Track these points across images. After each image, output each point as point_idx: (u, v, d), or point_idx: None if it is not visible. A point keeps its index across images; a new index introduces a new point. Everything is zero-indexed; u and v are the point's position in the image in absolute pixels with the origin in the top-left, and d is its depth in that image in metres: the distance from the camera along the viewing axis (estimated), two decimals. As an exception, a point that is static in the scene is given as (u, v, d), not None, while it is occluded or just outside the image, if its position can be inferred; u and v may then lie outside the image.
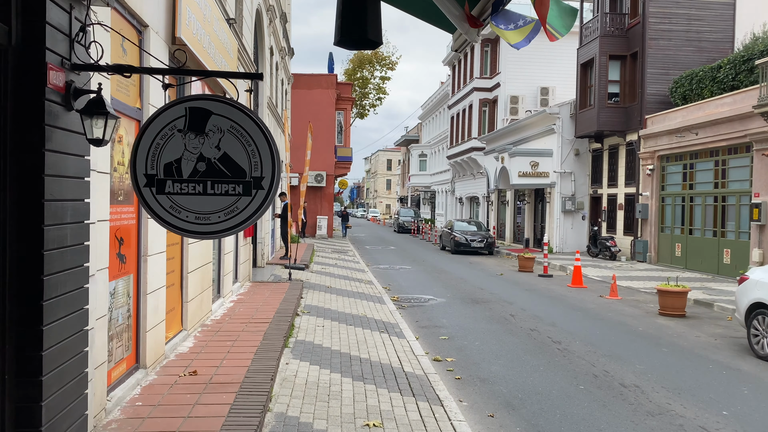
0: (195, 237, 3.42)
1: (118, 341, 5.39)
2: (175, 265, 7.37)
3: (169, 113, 3.34)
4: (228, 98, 3.38)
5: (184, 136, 3.35)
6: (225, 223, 3.37)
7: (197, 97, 3.40)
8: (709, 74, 20.33)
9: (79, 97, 3.33)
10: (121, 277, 5.41)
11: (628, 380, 7.84)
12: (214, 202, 3.38)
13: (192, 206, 3.36)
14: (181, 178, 3.36)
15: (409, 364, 7.71)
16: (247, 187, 3.38)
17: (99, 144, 3.33)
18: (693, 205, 20.48)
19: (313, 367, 7.16)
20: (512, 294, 15.15)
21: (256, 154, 3.38)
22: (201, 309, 8.50)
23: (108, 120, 3.27)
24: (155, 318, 6.24)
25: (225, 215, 3.37)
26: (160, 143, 3.37)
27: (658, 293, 12.86)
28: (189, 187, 3.36)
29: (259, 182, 3.37)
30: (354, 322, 10.20)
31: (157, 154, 3.35)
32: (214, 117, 3.35)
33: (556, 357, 8.95)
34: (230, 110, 3.36)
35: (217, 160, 3.34)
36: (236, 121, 3.36)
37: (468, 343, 9.69)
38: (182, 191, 3.36)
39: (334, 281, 15.53)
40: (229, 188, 3.36)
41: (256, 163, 3.38)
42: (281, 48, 21.35)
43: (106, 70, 3.40)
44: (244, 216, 3.37)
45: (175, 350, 7.05)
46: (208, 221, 3.37)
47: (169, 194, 3.35)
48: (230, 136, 3.36)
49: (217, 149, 3.35)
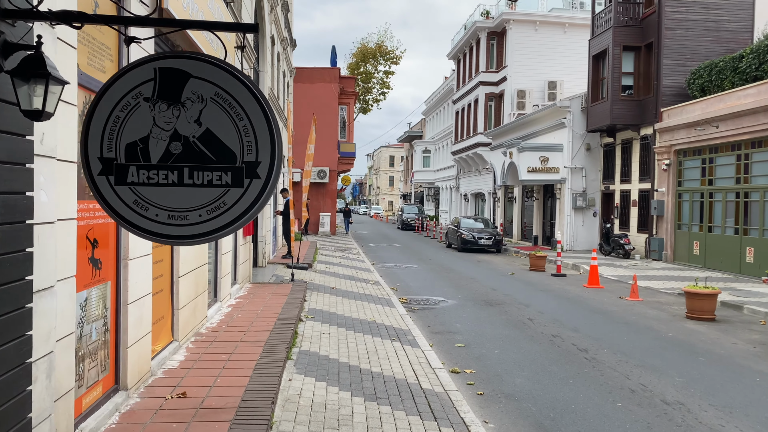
0: (167, 242, 2.60)
1: (91, 361, 4.58)
2: (164, 268, 6.56)
3: (133, 76, 2.50)
4: (211, 57, 2.57)
5: (152, 106, 2.51)
6: (208, 224, 2.53)
7: (170, 55, 2.54)
8: (730, 64, 19.44)
9: (10, 54, 2.51)
10: (95, 286, 4.60)
11: (669, 396, 7.02)
12: (193, 195, 2.54)
13: (163, 201, 2.53)
14: (149, 163, 2.52)
15: (427, 378, 6.90)
16: (238, 176, 2.54)
17: (38, 117, 2.49)
18: (713, 201, 19.61)
19: (319, 384, 6.35)
20: (527, 295, 14.33)
21: (250, 132, 2.53)
22: (195, 316, 7.69)
23: (50, 86, 2.44)
24: (139, 330, 5.43)
25: (209, 213, 2.53)
26: (121, 116, 2.53)
27: (686, 295, 12.03)
28: (159, 176, 2.52)
29: (254, 169, 2.53)
30: (362, 329, 9.38)
31: (117, 131, 2.52)
32: (193, 81, 2.50)
33: (585, 368, 8.14)
34: (215, 72, 2.50)
35: (197, 138, 2.50)
36: (223, 86, 2.51)
37: (486, 352, 8.88)
38: (150, 181, 2.53)
39: (339, 282, 14.71)
40: (214, 177, 2.53)
41: (250, 144, 2.53)
42: (283, 38, 20.51)
43: (48, 18, 2.57)
44: (234, 214, 2.53)
45: (163, 365, 6.24)
46: (186, 221, 2.54)
47: (133, 185, 2.53)
48: (215, 106, 2.52)
49: (197, 124, 2.51)
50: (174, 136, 2.53)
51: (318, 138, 25.10)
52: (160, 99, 2.53)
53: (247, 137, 2.53)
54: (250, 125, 2.52)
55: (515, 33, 35.83)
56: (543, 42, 35.63)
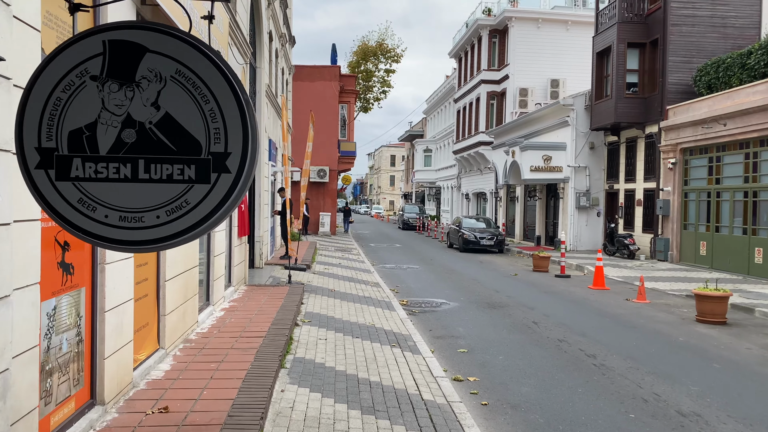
0: (118, 248, 2.19)
1: (62, 375, 4.19)
2: (149, 272, 6.16)
3: (78, 50, 2.09)
4: (171, 27, 2.19)
5: (101, 86, 2.10)
6: (168, 227, 2.11)
7: (122, 25, 2.14)
8: (738, 61, 19.02)
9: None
10: (66, 293, 4.22)
11: (685, 406, 6.63)
12: (150, 192, 2.15)
13: (114, 200, 2.12)
14: (97, 154, 2.10)
15: (428, 388, 6.50)
16: (204, 169, 2.13)
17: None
18: (720, 200, 19.19)
19: (313, 396, 5.95)
20: (531, 297, 13.93)
21: (218, 117, 2.12)
22: (184, 322, 7.30)
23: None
24: (118, 340, 5.04)
25: (168, 214, 2.12)
26: (63, 98, 2.12)
27: (696, 298, 11.62)
28: (110, 170, 2.11)
29: (223, 161, 2.12)
30: (361, 334, 8.99)
31: (58, 117, 2.11)
32: (150, 56, 2.09)
33: (595, 375, 7.75)
34: (176, 46, 2.10)
35: (154, 125, 2.10)
36: (186, 63, 2.10)
37: (491, 358, 8.49)
38: (98, 176, 2.11)
39: (337, 283, 14.32)
40: (175, 171, 2.12)
41: (218, 132, 2.12)
42: (281, 34, 20.11)
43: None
44: (199, 214, 2.12)
45: (147, 376, 5.84)
46: (141, 223, 2.12)
47: (78, 180, 2.11)
48: (176, 87, 2.11)
49: (154, 108, 2.10)
50: (127, 122, 2.12)
51: (318, 137, 24.72)
52: (110, 78, 2.11)
53: (214, 123, 2.11)
54: (218, 109, 2.10)
55: (517, 30, 35.43)
56: (545, 40, 35.24)
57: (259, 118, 15.37)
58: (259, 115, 15.37)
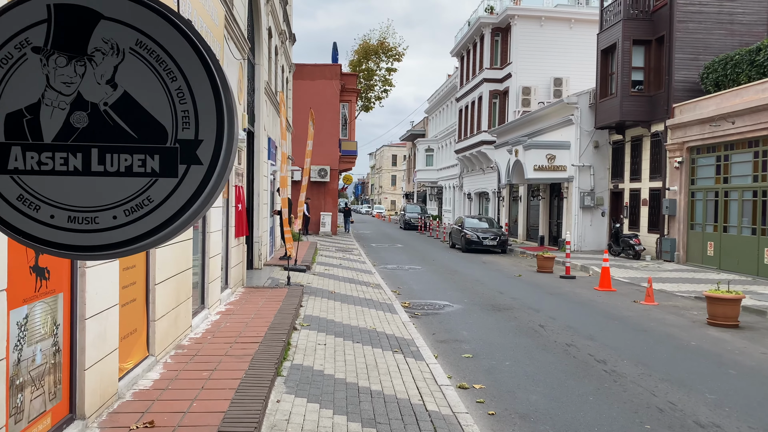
0: (66, 255, 1.83)
1: (35, 389, 3.86)
2: (137, 275, 5.82)
3: (16, 16, 1.72)
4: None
5: (45, 60, 1.74)
6: (127, 229, 1.75)
7: (72, -13, 1.84)
8: (747, 58, 18.64)
9: None
10: (40, 300, 3.88)
11: (702, 416, 6.29)
12: (105, 188, 1.79)
13: (62, 197, 1.77)
14: (41, 142, 1.75)
15: (432, 398, 6.16)
16: (170, 160, 1.78)
17: None
18: (728, 200, 18.82)
19: (311, 407, 5.61)
20: (536, 299, 13.59)
21: (187, 98, 1.78)
22: (176, 327, 6.96)
23: None
24: (101, 349, 4.70)
25: (128, 213, 1.78)
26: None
27: (707, 300, 11.27)
28: (56, 161, 1.75)
29: (192, 150, 1.77)
30: (362, 338, 8.64)
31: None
32: (105, 24, 1.75)
33: (606, 382, 7.41)
34: (137, 12, 1.75)
35: (110, 107, 1.75)
36: (148, 32, 1.76)
37: (497, 363, 8.16)
38: (42, 168, 1.76)
39: (338, 285, 13.98)
40: (135, 162, 1.77)
41: (187, 115, 1.78)
42: (281, 31, 19.78)
43: None
44: (165, 214, 1.77)
45: (134, 385, 5.50)
46: (95, 225, 1.77)
47: (17, 173, 1.75)
48: (136, 61, 1.77)
49: (110, 86, 1.75)
50: (77, 103, 1.76)
51: (319, 136, 24.38)
52: (56, 50, 1.76)
53: (182, 105, 1.75)
54: (187, 88, 1.74)
55: (520, 29, 35.07)
56: (548, 38, 34.87)
57: (258, 115, 15.03)
58: (258, 112, 15.03)
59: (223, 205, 10.05)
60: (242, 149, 11.77)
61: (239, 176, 11.71)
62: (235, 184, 11.21)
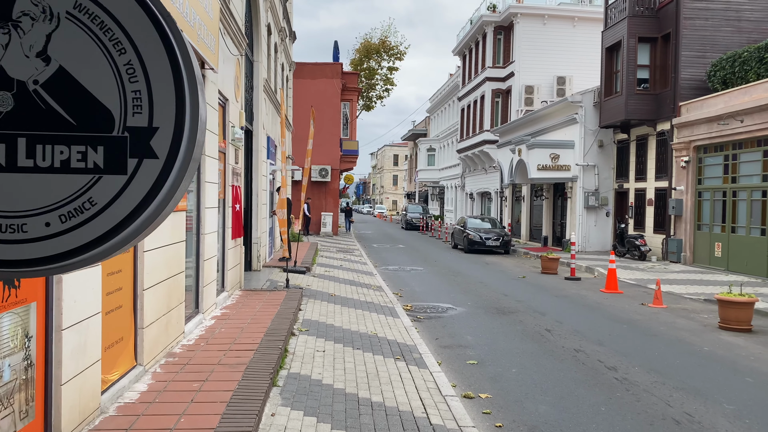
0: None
1: (3, 408, 3.52)
2: (123, 280, 5.49)
3: None
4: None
5: (-41, 28, 1.44)
6: (64, 239, 1.38)
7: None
8: (756, 55, 18.27)
9: None
10: (8, 310, 3.54)
11: (722, 429, 5.95)
12: (35, 188, 1.42)
13: (-18, 198, 1.45)
14: (-45, 130, 1.45)
15: (437, 410, 5.82)
16: (117, 153, 1.41)
17: None
18: (736, 200, 18.45)
19: (308, 420, 5.27)
20: (541, 302, 13.24)
21: (139, 75, 1.41)
22: (167, 334, 6.62)
23: None
24: (81, 361, 4.37)
25: (64, 219, 1.41)
26: None
27: (719, 303, 10.91)
28: (-26, 154, 1.44)
29: (146, 141, 1.41)
30: (362, 345, 8.30)
31: None
32: (36, -16, 1.43)
33: (617, 391, 7.06)
34: (75, -31, 1.42)
35: (42, 86, 1.39)
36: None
37: (503, 370, 7.82)
38: (-43, 162, 1.45)
39: (338, 287, 13.64)
40: (73, 155, 1.41)
41: (138, 96, 1.41)
42: (281, 28, 19.44)
43: None
44: (112, 219, 1.40)
45: (119, 398, 5.16)
46: (23, 234, 1.40)
47: (-75, 169, 1.45)
48: (75, 29, 1.41)
49: (42, 60, 1.39)
50: (1, 81, 1.43)
51: (320, 135, 24.06)
52: (-29, 14, 1.42)
53: (133, 84, 1.39)
54: (139, 63, 1.38)
55: (523, 27, 34.69)
56: (551, 36, 34.48)
57: (257, 114, 14.70)
58: (257, 110, 14.70)
59: (219, 205, 9.72)
60: (240, 148, 11.43)
61: (237, 176, 11.38)
62: (233, 184, 10.88)
